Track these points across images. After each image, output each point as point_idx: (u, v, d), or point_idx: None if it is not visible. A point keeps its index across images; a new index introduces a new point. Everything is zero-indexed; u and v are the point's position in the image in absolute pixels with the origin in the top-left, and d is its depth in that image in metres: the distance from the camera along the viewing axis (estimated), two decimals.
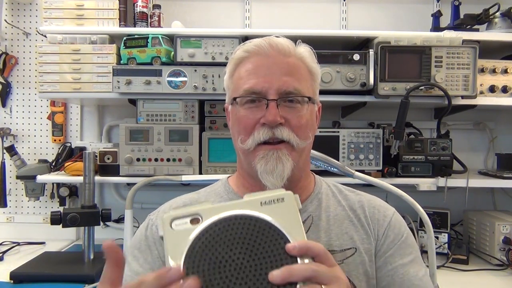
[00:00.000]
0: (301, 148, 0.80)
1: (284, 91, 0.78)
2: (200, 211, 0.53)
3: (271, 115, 0.76)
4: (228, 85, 0.86)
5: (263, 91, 0.78)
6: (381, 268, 0.82)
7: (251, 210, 0.53)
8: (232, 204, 0.55)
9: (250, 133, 0.79)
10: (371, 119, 2.01)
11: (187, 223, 0.52)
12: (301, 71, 0.81)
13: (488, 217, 1.80)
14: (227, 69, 0.86)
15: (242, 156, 0.83)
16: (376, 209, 0.88)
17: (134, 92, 1.66)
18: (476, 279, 1.59)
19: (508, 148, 2.06)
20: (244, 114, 0.80)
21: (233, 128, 0.84)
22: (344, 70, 1.64)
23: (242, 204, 0.54)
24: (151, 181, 1.58)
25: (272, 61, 0.79)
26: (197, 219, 0.53)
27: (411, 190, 1.54)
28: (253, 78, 0.79)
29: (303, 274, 0.49)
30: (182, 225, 0.52)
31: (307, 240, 0.53)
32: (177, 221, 0.52)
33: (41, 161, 1.96)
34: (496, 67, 1.72)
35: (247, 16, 2.09)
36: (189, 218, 0.52)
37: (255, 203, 0.54)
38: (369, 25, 2.06)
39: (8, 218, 2.06)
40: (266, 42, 0.81)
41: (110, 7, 1.75)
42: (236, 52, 0.84)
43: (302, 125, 0.79)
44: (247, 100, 0.80)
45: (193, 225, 0.52)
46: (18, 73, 2.06)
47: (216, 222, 0.52)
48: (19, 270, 1.52)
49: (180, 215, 0.53)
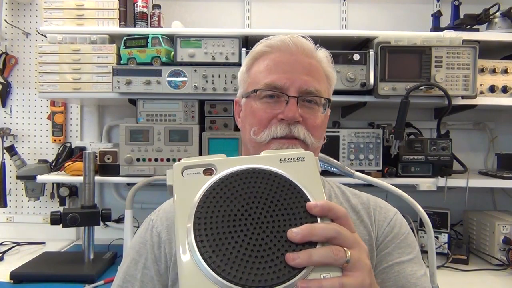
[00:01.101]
0: (315, 148, 0.81)
1: (305, 90, 0.79)
2: (214, 162, 0.50)
3: (291, 111, 0.76)
4: (245, 78, 0.86)
5: (284, 87, 0.78)
6: (376, 266, 0.82)
7: (270, 165, 0.50)
8: (250, 158, 0.51)
9: (265, 127, 0.79)
10: (371, 119, 2.01)
11: (200, 174, 0.49)
12: (321, 73, 0.83)
13: (488, 217, 1.80)
14: (245, 62, 0.86)
15: (251, 147, 0.82)
16: (377, 210, 0.88)
17: (134, 92, 1.66)
18: (476, 279, 1.59)
19: (508, 148, 2.06)
20: (261, 107, 0.80)
21: (245, 120, 0.84)
22: (344, 70, 1.64)
23: (261, 158, 0.51)
24: (151, 181, 1.58)
25: (295, 59, 0.80)
26: (210, 170, 0.49)
27: (411, 190, 1.54)
28: (275, 73, 0.79)
29: (325, 233, 0.47)
30: (195, 175, 0.49)
31: (329, 201, 0.50)
32: (189, 171, 0.49)
33: (41, 161, 1.97)
34: (496, 67, 1.72)
35: (247, 16, 2.09)
36: (202, 169, 0.49)
37: (274, 159, 0.51)
38: (369, 25, 2.06)
39: (8, 218, 2.06)
40: (291, 39, 0.81)
41: (110, 7, 1.75)
42: (257, 46, 0.84)
43: (318, 125, 0.80)
44: (266, 94, 0.80)
45: (207, 175, 0.49)
46: (18, 73, 2.06)
47: (233, 174, 0.49)
48: (19, 270, 1.52)
49: (193, 164, 0.49)
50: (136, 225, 1.67)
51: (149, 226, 0.84)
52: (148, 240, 0.82)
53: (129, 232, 1.55)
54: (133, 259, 0.82)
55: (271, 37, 0.83)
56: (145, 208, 1.98)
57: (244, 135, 0.84)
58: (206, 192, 0.47)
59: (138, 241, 0.84)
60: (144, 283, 0.79)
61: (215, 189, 0.48)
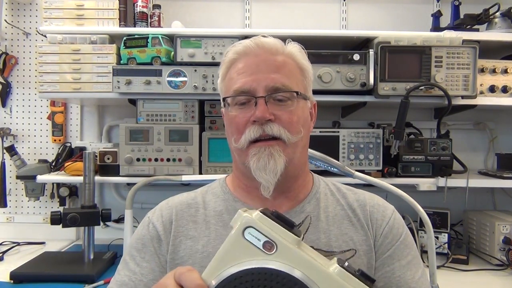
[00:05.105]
0: (294, 143, 0.80)
1: (272, 87, 0.79)
2: (278, 242, 0.48)
3: (259, 111, 0.77)
4: (221, 88, 0.87)
5: (251, 89, 0.79)
6: (378, 269, 0.82)
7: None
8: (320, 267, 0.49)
9: (242, 132, 0.79)
10: (371, 119, 2.01)
11: (260, 245, 0.48)
12: (290, 67, 0.82)
13: (488, 217, 1.80)
14: (220, 73, 0.87)
15: (236, 156, 0.84)
16: (375, 208, 0.87)
17: (134, 92, 1.66)
18: (476, 279, 1.59)
19: (508, 148, 2.06)
20: (236, 114, 0.81)
21: (227, 129, 0.85)
22: (344, 70, 1.64)
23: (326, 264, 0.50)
24: (151, 181, 1.58)
25: (260, 60, 0.80)
26: (271, 245, 0.48)
27: (411, 190, 1.54)
28: (242, 78, 0.80)
29: None
30: (253, 240, 0.48)
31: None
32: (251, 230, 0.48)
33: (41, 161, 1.96)
34: (496, 67, 1.72)
35: (247, 16, 2.09)
36: (264, 240, 0.48)
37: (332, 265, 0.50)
38: (369, 25, 2.06)
39: (8, 218, 2.06)
40: (253, 42, 0.82)
41: (110, 7, 1.75)
42: (226, 54, 0.85)
43: (293, 121, 0.80)
44: (238, 100, 0.81)
45: (265, 250, 0.48)
46: (18, 73, 2.06)
47: (285, 275, 0.47)
48: (19, 270, 1.52)
49: (260, 228, 0.48)
50: (136, 225, 1.67)
51: (146, 222, 0.87)
52: (146, 235, 0.84)
53: (129, 232, 1.55)
54: (132, 255, 0.83)
55: (237, 43, 0.84)
56: (145, 208, 1.97)
57: (229, 144, 0.85)
58: (244, 273, 0.47)
59: (136, 237, 0.86)
60: (143, 275, 0.80)
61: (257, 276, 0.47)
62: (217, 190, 0.90)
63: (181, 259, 0.80)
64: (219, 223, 0.83)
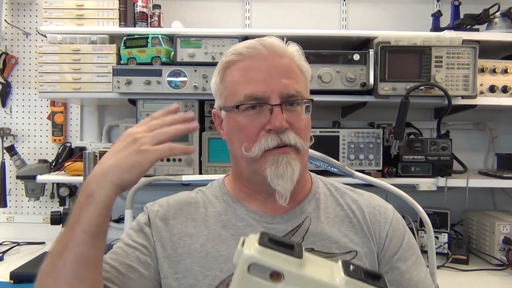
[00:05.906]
0: (305, 150, 0.80)
1: (287, 94, 0.77)
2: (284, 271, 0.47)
3: (277, 120, 0.75)
4: (220, 90, 0.83)
5: (265, 96, 0.76)
6: (388, 274, 0.81)
7: None
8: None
9: (255, 141, 0.77)
10: (371, 119, 2.01)
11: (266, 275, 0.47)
12: (295, 70, 0.81)
13: (488, 217, 1.80)
14: (216, 73, 0.84)
15: (244, 163, 0.81)
16: (376, 210, 0.87)
17: (134, 92, 1.66)
18: (476, 279, 1.59)
19: (508, 148, 2.06)
20: (246, 121, 0.77)
21: (231, 135, 0.82)
22: (344, 70, 1.64)
23: None
24: (151, 181, 1.57)
25: (269, 64, 0.78)
26: (277, 275, 0.48)
27: (411, 190, 1.54)
28: (252, 82, 0.77)
29: None
30: (260, 274, 0.47)
31: None
32: (255, 266, 0.47)
33: (41, 161, 1.96)
34: (496, 67, 1.72)
35: (247, 16, 2.09)
36: (270, 271, 0.47)
37: None
38: (369, 25, 2.06)
39: (8, 218, 2.06)
40: (260, 43, 0.79)
41: (110, 7, 1.75)
42: (226, 55, 0.82)
43: (304, 127, 0.79)
44: (248, 106, 0.77)
45: (272, 280, 0.47)
46: (18, 73, 2.06)
47: None
48: (19, 270, 1.52)
49: (263, 262, 0.47)
50: None
51: (144, 212, 0.88)
52: (142, 220, 0.86)
53: None
54: (128, 234, 0.86)
55: (238, 44, 0.81)
56: None
57: (234, 150, 0.82)
58: None
59: (134, 223, 0.88)
60: (137, 249, 0.82)
61: None
62: (216, 191, 0.90)
63: (180, 257, 0.80)
64: (218, 223, 0.83)
